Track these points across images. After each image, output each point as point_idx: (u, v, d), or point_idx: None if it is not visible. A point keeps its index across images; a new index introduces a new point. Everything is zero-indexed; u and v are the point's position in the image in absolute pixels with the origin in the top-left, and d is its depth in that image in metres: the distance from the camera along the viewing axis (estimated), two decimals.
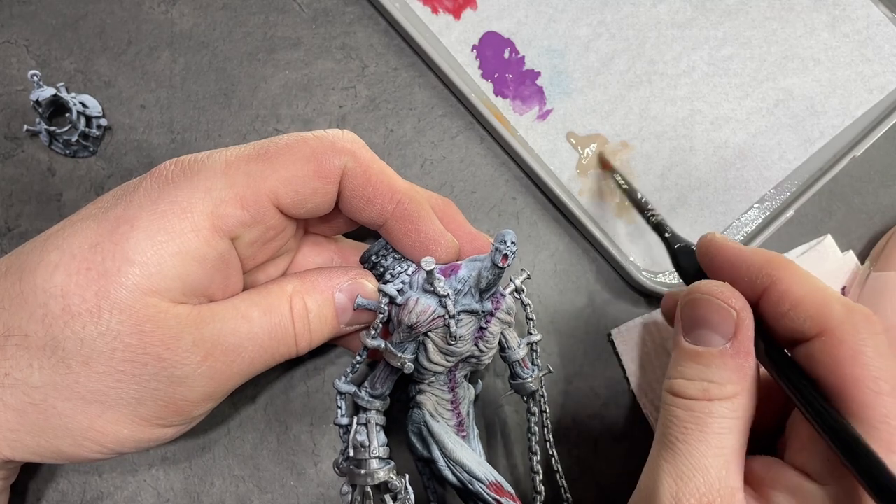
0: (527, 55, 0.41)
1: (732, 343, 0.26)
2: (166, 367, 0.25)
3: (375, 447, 0.28)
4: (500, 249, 0.25)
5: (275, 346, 0.28)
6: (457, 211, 0.32)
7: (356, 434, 0.28)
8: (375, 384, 0.29)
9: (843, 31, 0.43)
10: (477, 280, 0.27)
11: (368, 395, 0.29)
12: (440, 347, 0.28)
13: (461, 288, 0.28)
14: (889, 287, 0.36)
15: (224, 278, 0.27)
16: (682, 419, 0.25)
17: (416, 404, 0.30)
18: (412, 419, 0.30)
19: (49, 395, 0.24)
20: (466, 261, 0.29)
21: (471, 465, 0.28)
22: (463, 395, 0.31)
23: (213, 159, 0.26)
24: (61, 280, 0.24)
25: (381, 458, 0.28)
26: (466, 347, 0.29)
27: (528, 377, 0.31)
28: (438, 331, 0.28)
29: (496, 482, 0.28)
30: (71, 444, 0.25)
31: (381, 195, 0.28)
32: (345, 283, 0.29)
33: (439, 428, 0.29)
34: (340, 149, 0.27)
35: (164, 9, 0.39)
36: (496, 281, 0.27)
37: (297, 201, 0.27)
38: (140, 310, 0.24)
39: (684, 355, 0.27)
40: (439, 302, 0.27)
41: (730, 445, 0.25)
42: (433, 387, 0.30)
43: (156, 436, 0.27)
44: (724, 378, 0.25)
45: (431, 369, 0.29)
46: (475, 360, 0.30)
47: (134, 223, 0.24)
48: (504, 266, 0.26)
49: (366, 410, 0.29)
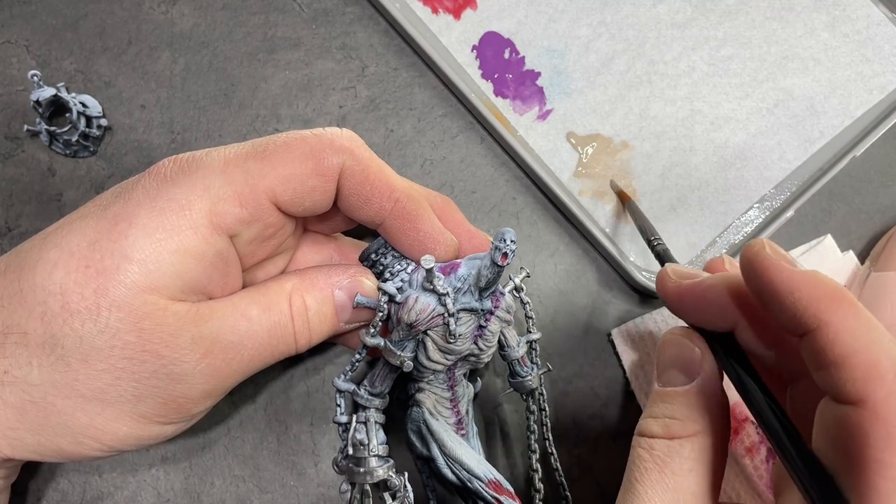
0: (527, 55, 0.41)
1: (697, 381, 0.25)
2: (165, 364, 0.25)
3: (374, 445, 0.28)
4: (500, 248, 0.25)
5: (274, 344, 0.28)
6: (455, 209, 0.32)
7: (355, 432, 0.28)
8: (375, 382, 0.29)
9: (843, 31, 0.43)
10: (476, 278, 0.27)
11: (368, 394, 0.29)
12: (439, 346, 0.28)
13: (461, 286, 0.28)
14: (889, 287, 0.36)
15: (223, 276, 0.27)
16: (643, 458, 0.25)
17: (415, 402, 0.30)
18: (411, 417, 0.30)
19: (48, 393, 0.24)
20: (466, 259, 0.29)
21: (470, 463, 0.28)
22: (462, 394, 0.31)
23: (211, 157, 0.26)
24: (60, 278, 0.24)
25: (380, 457, 0.28)
26: (466, 346, 0.29)
27: (527, 375, 0.31)
28: (438, 329, 0.28)
29: (495, 480, 0.28)
30: (71, 441, 0.25)
31: (378, 194, 0.28)
32: (344, 281, 0.29)
33: (438, 426, 0.29)
34: (339, 147, 0.27)
35: (164, 9, 0.39)
36: (496, 279, 0.27)
37: (296, 199, 0.27)
38: (139, 307, 0.24)
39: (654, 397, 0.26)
40: (439, 300, 0.27)
41: (689, 488, 0.24)
42: (432, 385, 0.30)
43: (155, 433, 0.27)
44: (686, 415, 0.25)
45: (431, 367, 0.29)
46: (474, 359, 0.30)
47: (132, 221, 0.24)
48: (503, 265, 0.26)
49: (365, 408, 0.29)
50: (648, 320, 0.38)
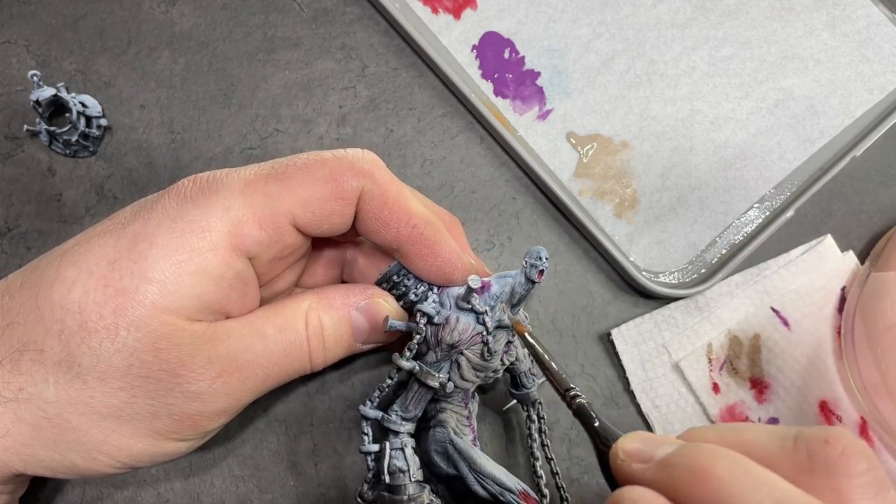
0: (527, 55, 0.41)
1: None
2: (181, 382, 0.25)
3: (414, 471, 0.28)
4: (536, 265, 0.26)
5: (289, 363, 0.28)
6: (461, 231, 0.32)
7: (393, 459, 0.28)
8: (408, 406, 0.29)
9: (843, 31, 0.43)
10: (510, 296, 0.28)
11: (400, 419, 0.29)
12: (474, 364, 0.28)
13: (493, 304, 0.28)
14: (889, 287, 0.36)
15: (241, 296, 0.27)
16: None
17: (437, 423, 0.30)
18: (435, 438, 0.30)
19: (64, 410, 0.24)
20: (495, 277, 0.29)
21: (501, 477, 0.29)
22: (474, 409, 0.32)
23: (231, 178, 0.26)
24: (79, 296, 0.24)
25: (418, 482, 0.28)
26: (498, 362, 0.29)
27: (532, 387, 0.32)
28: (475, 347, 0.28)
29: (524, 490, 0.29)
30: (84, 458, 0.25)
31: (396, 219, 0.28)
32: (361, 302, 0.29)
33: (465, 444, 0.30)
34: (359, 170, 0.27)
35: (164, 9, 0.39)
36: (527, 295, 0.28)
37: (314, 222, 0.27)
38: (157, 328, 0.24)
39: None
40: (477, 319, 0.28)
41: None
42: (453, 404, 0.31)
43: (170, 450, 0.27)
44: None
45: (462, 387, 0.29)
46: (494, 374, 0.30)
47: (152, 241, 0.24)
48: (539, 281, 0.26)
49: (396, 433, 0.29)
50: (648, 320, 0.38)
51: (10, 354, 0.24)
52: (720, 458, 0.19)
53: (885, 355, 0.35)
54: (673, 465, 0.20)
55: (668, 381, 0.37)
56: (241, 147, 0.38)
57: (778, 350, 0.37)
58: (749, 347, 0.38)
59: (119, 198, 0.37)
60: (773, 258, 0.39)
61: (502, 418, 0.36)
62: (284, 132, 0.38)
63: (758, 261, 0.39)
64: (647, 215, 0.39)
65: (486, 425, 0.35)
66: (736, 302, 0.38)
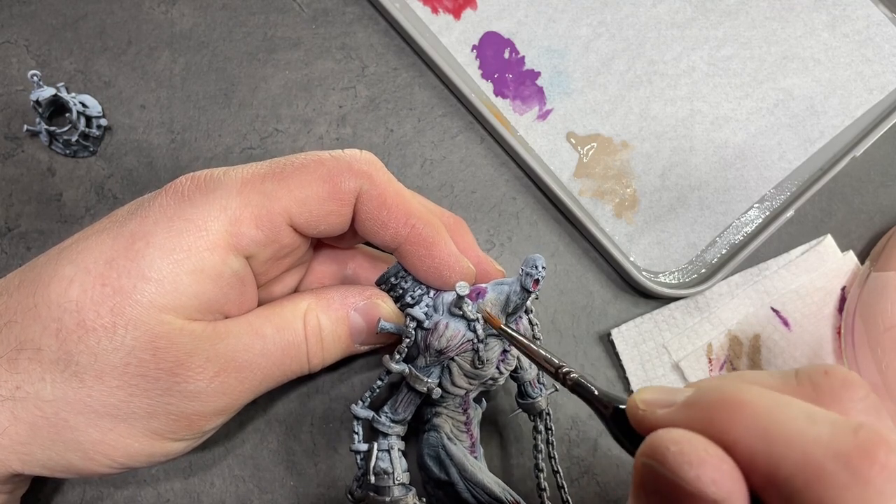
0: (527, 55, 0.41)
1: None
2: (179, 382, 0.25)
3: (399, 474, 0.28)
4: (532, 274, 0.25)
5: (287, 363, 0.28)
6: (467, 231, 0.32)
7: (378, 461, 0.28)
8: (398, 409, 0.29)
9: (843, 31, 0.43)
10: (505, 304, 0.27)
11: (389, 420, 0.29)
12: (465, 371, 0.28)
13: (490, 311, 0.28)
14: (889, 287, 0.36)
15: (239, 295, 0.27)
16: None
17: (432, 427, 0.30)
18: (428, 442, 0.30)
19: (61, 409, 0.24)
20: (491, 284, 0.29)
21: (491, 486, 0.28)
22: (474, 415, 0.31)
23: (228, 177, 0.26)
24: (76, 295, 0.24)
25: (403, 485, 0.28)
26: (491, 371, 0.28)
27: (537, 397, 0.31)
28: (466, 355, 0.28)
29: (515, 501, 0.29)
30: (82, 457, 0.25)
31: (395, 219, 0.28)
32: (360, 303, 0.29)
33: (457, 451, 0.29)
34: (357, 171, 0.27)
35: (164, 9, 0.39)
36: (523, 304, 0.27)
37: (311, 222, 0.27)
38: (154, 327, 0.24)
39: None
40: (468, 326, 0.27)
41: None
42: (448, 409, 0.30)
43: (167, 450, 0.27)
44: None
45: (454, 393, 0.29)
46: (492, 382, 0.30)
47: (150, 240, 0.24)
48: (535, 291, 0.26)
49: (385, 435, 0.29)
50: (648, 320, 0.38)
51: (8, 353, 0.24)
52: (747, 388, 0.19)
53: (885, 355, 0.35)
54: (701, 402, 0.20)
55: (669, 382, 0.37)
56: (241, 147, 0.38)
57: (778, 350, 0.37)
58: (749, 347, 0.38)
59: (119, 198, 0.37)
60: (773, 258, 0.39)
61: (510, 424, 0.36)
62: (284, 132, 0.38)
63: (758, 261, 0.39)
64: (647, 215, 0.39)
65: (495, 430, 0.35)
66: (736, 302, 0.38)
